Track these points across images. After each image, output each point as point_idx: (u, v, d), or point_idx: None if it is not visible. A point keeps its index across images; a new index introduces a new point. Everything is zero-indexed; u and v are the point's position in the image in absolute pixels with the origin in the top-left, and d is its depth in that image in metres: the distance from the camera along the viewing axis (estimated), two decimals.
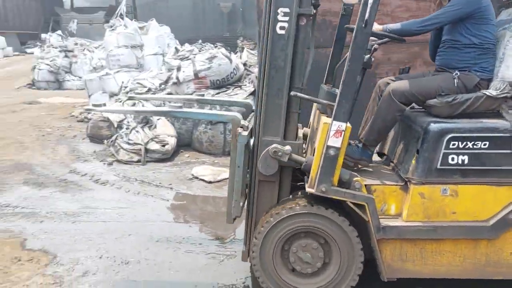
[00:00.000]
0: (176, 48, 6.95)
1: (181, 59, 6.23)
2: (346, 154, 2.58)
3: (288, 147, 2.51)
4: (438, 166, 2.35)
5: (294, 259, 2.49)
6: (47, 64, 11.55)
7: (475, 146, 2.32)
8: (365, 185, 2.44)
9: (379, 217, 2.40)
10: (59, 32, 14.33)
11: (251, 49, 7.83)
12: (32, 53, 16.32)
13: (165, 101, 3.88)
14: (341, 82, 2.38)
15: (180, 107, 2.94)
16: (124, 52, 9.34)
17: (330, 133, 2.34)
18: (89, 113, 6.90)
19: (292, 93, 2.53)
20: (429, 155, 2.35)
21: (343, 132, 2.34)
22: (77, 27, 17.20)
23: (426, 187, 2.37)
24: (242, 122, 2.63)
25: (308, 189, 2.43)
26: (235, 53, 6.85)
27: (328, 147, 2.34)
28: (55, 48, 12.25)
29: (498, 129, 2.33)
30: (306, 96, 2.54)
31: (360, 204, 2.38)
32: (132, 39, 9.57)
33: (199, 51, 6.30)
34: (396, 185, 2.47)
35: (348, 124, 2.38)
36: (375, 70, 2.73)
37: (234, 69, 6.00)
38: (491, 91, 2.44)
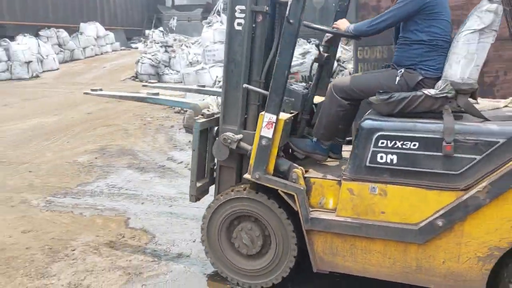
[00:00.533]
0: None
1: None
2: (298, 147, 2.76)
3: (239, 136, 2.67)
4: (367, 164, 2.28)
5: (237, 240, 2.68)
6: (149, 58, 12.43)
7: (404, 146, 2.21)
8: (305, 177, 2.48)
9: (318, 209, 2.44)
10: (161, 28, 15.35)
11: (344, 45, 7.67)
12: (137, 48, 17.74)
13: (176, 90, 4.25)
14: (272, 77, 2.49)
15: (157, 94, 3.21)
16: (219, 48, 9.71)
17: (263, 124, 2.48)
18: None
19: (244, 85, 2.66)
20: (359, 152, 2.31)
21: (274, 124, 2.46)
22: (176, 23, 18.23)
23: (355, 184, 2.33)
24: (204, 110, 2.90)
25: (245, 176, 2.59)
26: None
27: (261, 137, 2.49)
28: (157, 43, 13.14)
29: (428, 130, 2.17)
30: (257, 89, 2.67)
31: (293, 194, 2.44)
32: None
33: None
34: (334, 180, 2.46)
35: (282, 116, 2.51)
36: (483, 68, 2.45)
37: None
38: (430, 90, 2.27)
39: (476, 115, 2.23)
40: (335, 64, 6.15)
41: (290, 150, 2.86)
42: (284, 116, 2.58)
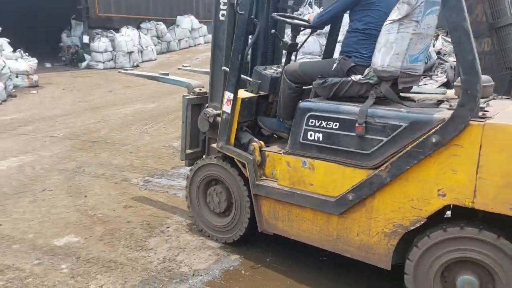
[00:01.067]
0: None
1: None
2: (265, 125, 3.10)
3: (216, 111, 3.08)
4: (300, 140, 2.57)
5: (209, 198, 3.16)
6: None
7: (327, 126, 2.45)
8: (262, 150, 2.85)
9: (269, 179, 2.80)
10: None
11: (446, 36, 7.16)
12: None
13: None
14: (230, 61, 2.88)
15: (167, 74, 3.84)
16: (309, 39, 9.61)
17: (224, 100, 2.90)
18: None
19: (223, 68, 3.03)
20: (295, 130, 2.59)
21: (231, 101, 2.86)
22: None
23: (291, 157, 2.62)
24: (195, 89, 3.41)
25: (213, 145, 3.11)
26: None
27: (223, 112, 2.93)
28: None
29: (346, 112, 2.39)
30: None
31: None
32: None
33: None
34: (279, 153, 2.74)
35: (240, 95, 2.91)
36: None
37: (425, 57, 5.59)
38: (356, 77, 2.47)
39: (395, 101, 2.39)
40: (435, 57, 5.77)
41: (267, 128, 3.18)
42: (242, 95, 2.96)
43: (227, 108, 2.90)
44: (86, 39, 14.13)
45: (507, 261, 2.01)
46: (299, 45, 3.14)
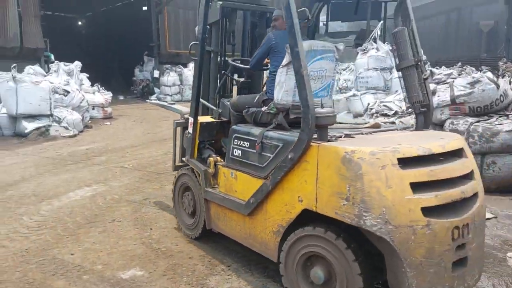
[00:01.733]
0: (431, 71, 6.59)
1: (437, 83, 5.88)
2: (225, 144, 3.67)
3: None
4: (230, 156, 3.24)
5: (184, 201, 3.97)
6: None
7: (243, 144, 3.11)
8: (216, 163, 3.50)
9: (218, 187, 3.45)
10: None
11: None
12: None
13: None
14: (191, 92, 3.75)
15: (173, 103, 4.84)
16: (373, 75, 9.51)
17: (188, 123, 3.76)
18: None
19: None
20: (228, 147, 3.27)
21: (193, 124, 3.69)
22: None
23: (226, 169, 3.31)
24: (186, 115, 4.07)
25: (183, 158, 4.01)
26: (502, 77, 6.03)
27: (188, 132, 3.80)
28: None
29: (252, 134, 3.04)
30: (205, 102, 3.94)
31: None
32: (382, 61, 9.64)
33: (459, 74, 5.81)
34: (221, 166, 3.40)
35: (202, 120, 3.76)
36: None
37: (501, 95, 5.28)
38: (264, 108, 3.12)
39: (286, 127, 2.91)
40: (502, 90, 5.43)
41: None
42: (202, 119, 3.77)
43: (190, 129, 3.73)
44: (156, 73, 15.02)
45: (347, 264, 2.41)
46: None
